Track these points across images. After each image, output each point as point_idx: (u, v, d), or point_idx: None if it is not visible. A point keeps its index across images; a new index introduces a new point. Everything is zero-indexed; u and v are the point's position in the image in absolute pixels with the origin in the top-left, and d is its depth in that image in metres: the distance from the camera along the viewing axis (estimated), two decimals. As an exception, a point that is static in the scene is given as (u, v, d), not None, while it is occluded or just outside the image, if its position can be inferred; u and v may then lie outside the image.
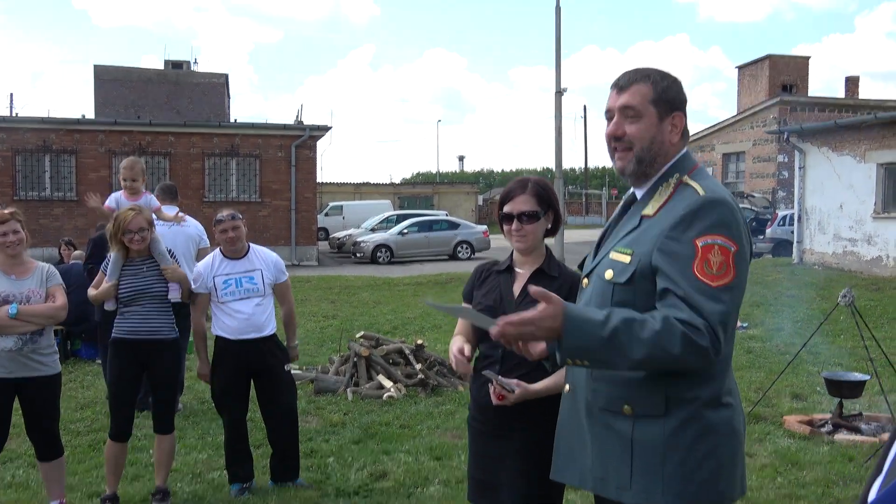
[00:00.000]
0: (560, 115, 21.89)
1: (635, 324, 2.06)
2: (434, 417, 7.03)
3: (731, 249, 2.12)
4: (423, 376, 8.02)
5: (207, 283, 5.16)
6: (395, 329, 12.03)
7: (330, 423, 6.85)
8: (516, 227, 3.01)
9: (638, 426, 2.20)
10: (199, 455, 6.05)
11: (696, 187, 2.23)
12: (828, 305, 11.45)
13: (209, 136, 24.31)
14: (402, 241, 26.57)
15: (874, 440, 6.11)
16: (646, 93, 2.28)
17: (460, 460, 5.86)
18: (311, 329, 12.04)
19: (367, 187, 47.76)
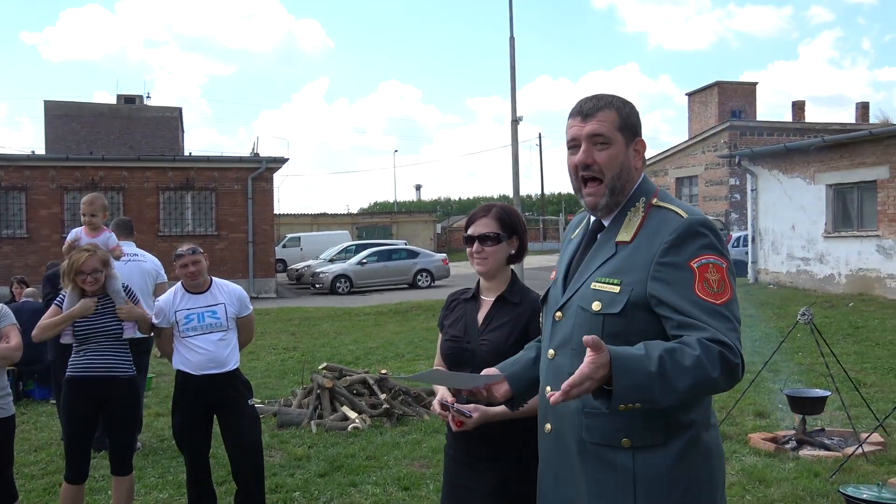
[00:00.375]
0: (517, 142, 22.05)
1: (676, 352, 1.97)
2: (401, 447, 6.93)
3: (724, 266, 2.13)
4: (388, 406, 7.92)
5: (170, 317, 5.06)
6: (358, 359, 11.91)
7: (294, 457, 6.71)
8: (476, 249, 3.01)
9: (639, 458, 2.13)
10: (159, 495, 5.88)
11: (675, 210, 2.21)
12: (784, 324, 11.65)
13: (163, 171, 24.03)
14: (362, 270, 26.43)
15: (838, 455, 6.16)
16: (613, 119, 2.25)
17: (429, 490, 5.78)
18: (272, 362, 11.87)
19: (325, 218, 47.52)
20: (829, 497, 5.24)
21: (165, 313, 5.06)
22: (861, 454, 6.02)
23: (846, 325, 13.02)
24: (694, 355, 1.96)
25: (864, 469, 5.83)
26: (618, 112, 2.26)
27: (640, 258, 2.16)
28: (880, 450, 6.25)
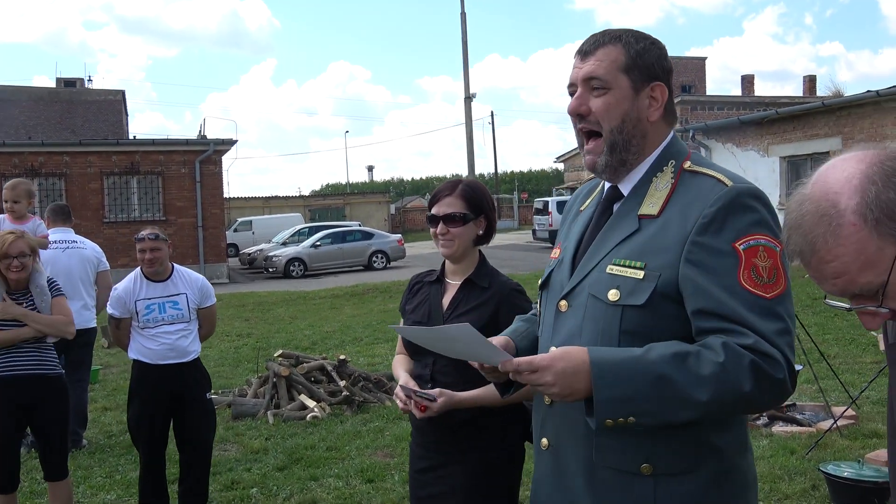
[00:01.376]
0: (470, 120, 21.87)
1: (690, 357, 1.61)
2: (363, 436, 6.66)
3: (777, 250, 1.68)
4: (348, 393, 7.64)
5: (129, 306, 4.77)
6: (315, 345, 11.60)
7: (251, 451, 6.40)
8: (441, 231, 2.79)
9: (661, 487, 1.73)
10: (106, 496, 5.53)
11: (715, 176, 1.78)
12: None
13: (107, 155, 23.26)
14: (316, 253, 26.02)
15: (811, 430, 6.07)
16: (615, 57, 1.83)
17: (395, 481, 5.53)
18: (226, 350, 11.49)
19: (277, 201, 46.82)
20: (807, 475, 5.12)
21: (124, 302, 4.77)
22: (835, 429, 5.93)
23: (804, 296, 13.05)
24: (716, 362, 1.59)
25: (838, 444, 5.74)
26: (625, 48, 1.84)
27: (670, 236, 1.74)
28: (853, 423, 6.18)
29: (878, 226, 1.21)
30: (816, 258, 1.26)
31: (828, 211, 1.25)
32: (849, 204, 1.23)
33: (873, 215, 1.21)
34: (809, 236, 1.26)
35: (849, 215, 1.23)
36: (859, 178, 1.24)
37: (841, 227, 1.23)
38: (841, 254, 1.23)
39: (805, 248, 1.27)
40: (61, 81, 39.63)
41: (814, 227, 1.25)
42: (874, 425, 6.18)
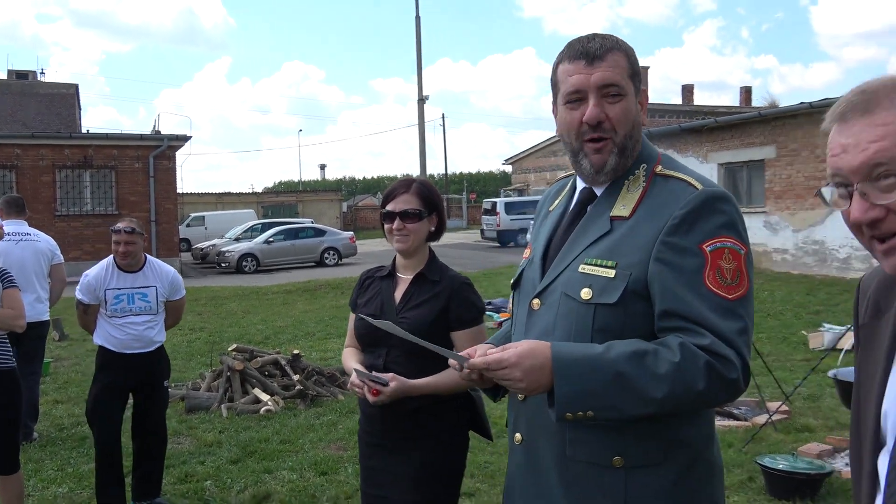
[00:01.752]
0: (423, 121, 21.86)
1: (648, 356, 1.62)
2: (316, 430, 6.60)
3: (742, 252, 1.71)
4: (302, 387, 7.56)
5: (98, 294, 4.73)
6: (268, 339, 11.47)
7: (205, 444, 6.29)
8: (398, 226, 2.82)
9: (633, 479, 1.73)
10: (58, 489, 5.37)
11: (685, 179, 1.78)
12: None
13: (59, 148, 22.64)
14: (268, 249, 25.70)
15: (747, 424, 6.19)
16: (624, 65, 1.80)
17: (348, 474, 5.49)
18: (178, 343, 11.27)
19: (230, 197, 46.18)
20: (744, 467, 5.22)
21: (95, 290, 4.72)
22: (770, 423, 6.06)
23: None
24: (671, 361, 1.61)
25: (773, 438, 5.87)
26: (627, 56, 1.82)
27: (641, 237, 1.74)
28: (786, 418, 6.33)
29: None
30: (869, 117, 1.23)
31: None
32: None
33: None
34: (874, 96, 1.24)
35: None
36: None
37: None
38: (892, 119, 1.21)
39: (862, 103, 1.24)
40: (13, 73, 38.49)
41: (884, 88, 1.24)
42: (806, 420, 6.34)
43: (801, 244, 16.45)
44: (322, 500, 5.03)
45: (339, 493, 5.11)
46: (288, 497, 5.08)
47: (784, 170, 16.75)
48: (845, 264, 15.50)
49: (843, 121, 1.26)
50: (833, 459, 5.28)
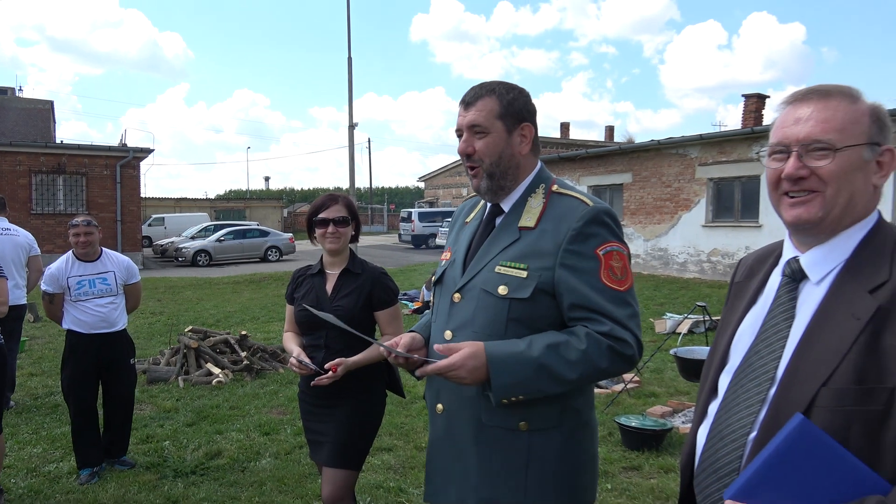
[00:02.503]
0: (353, 144, 21.57)
1: (560, 347, 1.68)
2: (260, 398, 6.44)
3: (625, 253, 1.79)
4: (248, 362, 7.37)
5: (62, 283, 4.47)
6: (219, 322, 11.10)
7: (164, 410, 6.06)
8: (332, 230, 2.89)
9: (535, 440, 1.78)
10: (33, 450, 5.08)
11: (578, 197, 1.83)
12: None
13: (35, 155, 21.24)
14: (220, 246, 24.85)
15: (608, 391, 6.38)
16: (492, 108, 1.83)
17: (287, 433, 5.39)
18: (140, 325, 10.81)
19: (187, 202, 44.35)
20: (605, 425, 5.37)
21: (58, 279, 4.46)
22: (625, 391, 6.26)
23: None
24: (580, 349, 1.67)
25: (627, 402, 6.07)
26: (499, 100, 1.84)
27: (546, 244, 1.77)
28: (637, 386, 6.55)
29: (872, 125, 1.30)
30: (824, 102, 1.30)
31: (854, 92, 1.32)
32: (867, 102, 1.32)
33: (876, 116, 1.31)
34: (833, 90, 1.32)
35: (864, 105, 1.31)
36: (874, 104, 1.34)
37: (856, 103, 1.30)
38: (841, 109, 1.29)
39: (823, 92, 1.32)
40: (-7, 89, 35.94)
41: (840, 89, 1.32)
42: (652, 388, 6.58)
43: (650, 251, 17.08)
44: (265, 455, 4.92)
45: (279, 450, 5.01)
46: (236, 454, 4.95)
47: (638, 192, 17.34)
48: (683, 267, 16.19)
49: (804, 99, 1.32)
50: (673, 418, 5.50)
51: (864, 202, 1.29)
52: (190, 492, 4.26)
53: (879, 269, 1.22)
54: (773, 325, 1.31)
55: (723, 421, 1.32)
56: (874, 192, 1.31)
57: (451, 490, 1.88)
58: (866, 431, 1.14)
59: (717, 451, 1.31)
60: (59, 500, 4.15)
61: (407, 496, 4.15)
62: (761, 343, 1.31)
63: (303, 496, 4.17)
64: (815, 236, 1.32)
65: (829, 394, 1.17)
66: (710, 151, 15.35)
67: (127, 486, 4.33)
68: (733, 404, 1.30)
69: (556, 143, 33.48)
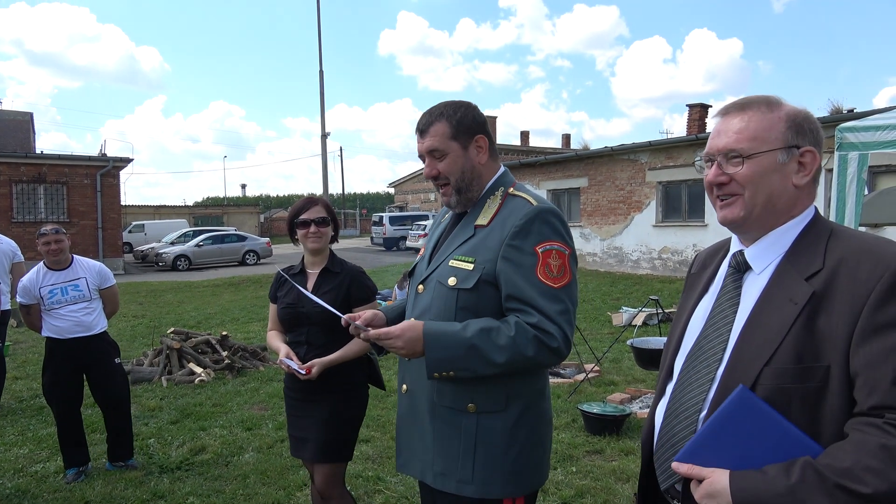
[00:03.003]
0: (325, 152, 21.39)
1: (492, 332, 1.71)
2: (242, 395, 6.34)
3: (566, 252, 1.79)
4: (230, 361, 7.25)
5: (35, 293, 4.29)
6: (200, 323, 10.90)
7: (148, 409, 5.92)
8: (314, 230, 2.86)
9: (482, 422, 1.82)
10: (19, 450, 4.92)
11: (526, 198, 1.86)
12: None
13: (16, 165, 20.58)
14: (199, 251, 24.40)
15: (570, 380, 6.43)
16: (444, 131, 1.88)
17: (269, 428, 5.31)
18: (123, 328, 10.56)
19: (166, 209, 43.44)
20: (568, 412, 5.42)
21: (30, 291, 4.28)
22: (586, 380, 6.32)
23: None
24: (509, 336, 1.70)
25: (589, 391, 6.12)
26: (448, 122, 1.89)
27: (493, 240, 1.83)
28: (597, 375, 6.61)
29: (788, 130, 1.33)
30: (740, 115, 1.35)
31: (773, 101, 1.36)
32: (786, 107, 1.36)
33: (793, 121, 1.34)
34: (752, 102, 1.36)
35: (781, 112, 1.35)
36: (801, 108, 1.37)
37: (772, 111, 1.34)
38: (755, 120, 1.34)
39: (740, 105, 1.37)
40: (-28, 102, 34.79)
41: (759, 100, 1.36)
42: (611, 377, 6.65)
43: (606, 249, 17.28)
44: (248, 450, 4.84)
45: (261, 444, 4.93)
46: (220, 448, 4.86)
47: (593, 195, 17.54)
48: (636, 264, 16.42)
49: (726, 113, 1.38)
50: (631, 405, 5.57)
51: (786, 200, 1.34)
52: (176, 486, 4.17)
53: (814, 259, 1.27)
54: (721, 312, 1.36)
55: (677, 400, 1.36)
56: (798, 190, 1.34)
57: (416, 463, 1.95)
58: (805, 407, 1.19)
59: (673, 427, 1.35)
60: (46, 499, 4.03)
61: (385, 484, 4.12)
62: (710, 328, 1.36)
63: (285, 487, 4.12)
64: (746, 233, 1.39)
65: (771, 373, 1.22)
66: (659, 157, 15.60)
67: (114, 484, 4.22)
68: (686, 384, 1.35)
69: (516, 150, 33.69)
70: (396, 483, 4.13)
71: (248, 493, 4.04)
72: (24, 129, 33.92)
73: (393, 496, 3.95)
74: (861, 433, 1.12)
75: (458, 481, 1.83)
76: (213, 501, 3.93)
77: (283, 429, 5.22)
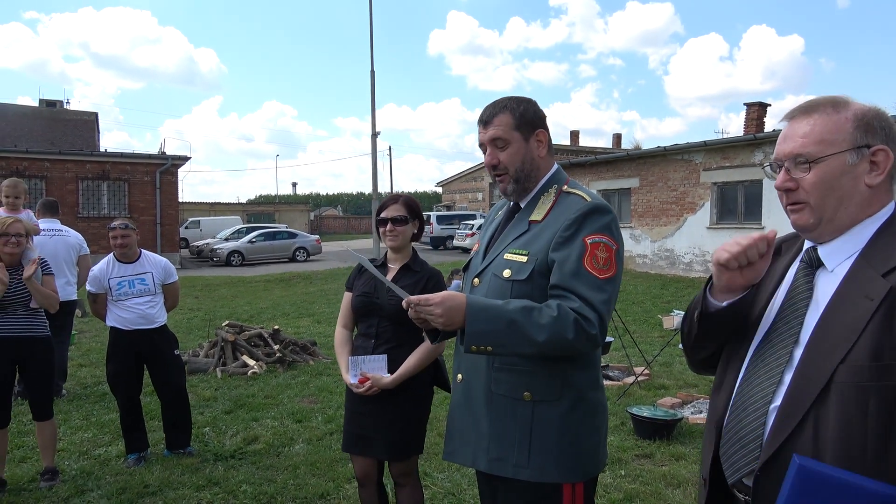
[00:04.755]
0: (375, 151, 21.64)
1: (534, 311, 1.74)
2: (292, 388, 6.48)
3: (614, 248, 1.83)
4: (281, 355, 7.42)
5: (104, 284, 4.47)
6: (252, 317, 11.19)
7: (203, 399, 6.11)
8: (390, 229, 2.88)
9: (537, 410, 1.86)
10: (84, 434, 5.15)
11: (580, 195, 1.92)
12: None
13: (82, 163, 21.56)
14: (252, 247, 25.04)
15: (620, 383, 6.35)
16: (508, 122, 1.95)
17: (318, 421, 5.41)
18: (180, 320, 10.91)
19: (220, 206, 44.71)
20: (618, 416, 5.35)
21: (100, 280, 4.46)
22: (636, 383, 6.22)
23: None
24: (551, 316, 1.72)
25: (638, 393, 6.03)
26: (511, 113, 1.95)
27: (547, 233, 1.88)
28: (647, 379, 6.51)
29: (857, 130, 1.30)
30: (806, 118, 1.33)
31: (839, 101, 1.33)
32: (854, 106, 1.32)
33: (862, 121, 1.30)
34: (818, 104, 1.34)
35: (849, 112, 1.31)
36: (872, 106, 1.33)
37: (839, 112, 1.31)
38: (820, 123, 1.31)
39: (806, 108, 1.35)
40: (43, 102, 36.45)
41: (825, 101, 1.34)
42: (662, 380, 6.53)
43: (657, 251, 16.96)
44: (298, 441, 4.94)
45: (311, 436, 5.03)
46: (271, 439, 4.98)
47: (645, 196, 17.23)
48: (689, 267, 16.05)
49: (791, 118, 1.36)
50: (682, 409, 5.46)
51: (859, 201, 1.30)
52: (230, 474, 4.30)
53: (892, 255, 1.23)
54: (792, 306, 1.33)
55: (745, 392, 1.33)
56: (872, 190, 1.30)
57: (467, 451, 1.99)
58: (884, 406, 1.15)
59: (741, 420, 1.32)
60: (109, 482, 4.20)
61: (431, 480, 4.15)
62: (780, 322, 1.34)
63: (334, 479, 4.19)
64: (819, 238, 1.35)
65: (846, 370, 1.18)
66: (714, 157, 15.21)
67: (171, 469, 4.38)
68: (754, 376, 1.32)
69: (566, 149, 33.37)
70: (443, 479, 4.15)
71: (299, 484, 4.13)
72: (89, 128, 35.46)
73: (440, 492, 3.97)
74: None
75: (514, 466, 1.87)
76: (265, 490, 4.03)
77: (333, 422, 5.32)
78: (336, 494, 3.98)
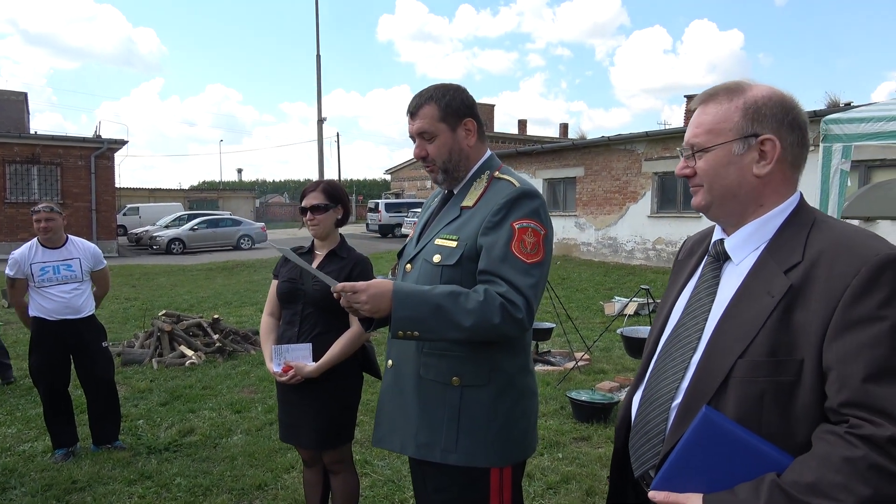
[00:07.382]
0: (322, 137, 21.32)
1: (461, 296, 1.74)
2: (232, 378, 6.35)
3: (542, 232, 1.84)
4: (221, 344, 7.25)
5: (24, 269, 4.26)
6: (192, 307, 10.89)
7: (138, 391, 5.92)
8: (310, 217, 2.88)
9: (466, 395, 1.86)
10: (7, 430, 4.92)
11: (510, 180, 1.92)
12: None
13: (9, 146, 20.47)
14: (193, 235, 24.33)
15: (560, 368, 6.46)
16: (433, 114, 1.92)
17: (258, 411, 5.32)
18: (115, 310, 10.54)
19: (161, 192, 43.22)
20: (557, 400, 5.45)
21: (20, 264, 4.25)
22: (576, 368, 6.35)
23: (556, 277, 13.90)
24: (478, 300, 1.72)
25: (578, 378, 6.15)
26: (437, 104, 1.92)
27: (476, 219, 1.88)
28: (587, 364, 6.64)
29: (744, 119, 1.30)
30: (703, 107, 1.36)
31: (734, 88, 1.34)
32: (748, 93, 1.32)
33: (751, 109, 1.30)
34: (716, 92, 1.35)
35: (740, 100, 1.32)
36: (767, 92, 1.33)
37: (731, 101, 1.32)
38: (711, 112, 1.33)
39: (705, 96, 1.37)
40: (-34, 81, 34.49)
41: (723, 89, 1.35)
42: (601, 365, 6.68)
43: (600, 239, 17.29)
44: (236, 432, 4.85)
45: (250, 427, 4.95)
46: (208, 430, 4.87)
47: (589, 185, 17.52)
48: (630, 254, 16.44)
49: (696, 105, 1.39)
50: (620, 392, 5.59)
51: (748, 191, 1.31)
52: (163, 467, 4.19)
53: (794, 251, 1.25)
54: (698, 301, 1.36)
55: (652, 387, 1.36)
56: (762, 180, 1.30)
57: (396, 438, 1.99)
58: (778, 401, 1.18)
59: (647, 415, 1.35)
60: (34, 479, 4.03)
61: (372, 468, 4.14)
62: (687, 317, 1.36)
63: (273, 469, 4.13)
64: (716, 220, 1.40)
65: (744, 365, 1.20)
66: (656, 148, 15.58)
67: (101, 464, 4.23)
68: (661, 372, 1.35)
69: (513, 138, 33.64)
70: (384, 467, 4.15)
71: (236, 475, 4.05)
72: (18, 109, 33.56)
73: (379, 479, 3.97)
74: (825, 444, 1.11)
75: (442, 450, 1.87)
76: (201, 482, 3.94)
77: (272, 412, 5.24)
78: (274, 485, 3.93)
